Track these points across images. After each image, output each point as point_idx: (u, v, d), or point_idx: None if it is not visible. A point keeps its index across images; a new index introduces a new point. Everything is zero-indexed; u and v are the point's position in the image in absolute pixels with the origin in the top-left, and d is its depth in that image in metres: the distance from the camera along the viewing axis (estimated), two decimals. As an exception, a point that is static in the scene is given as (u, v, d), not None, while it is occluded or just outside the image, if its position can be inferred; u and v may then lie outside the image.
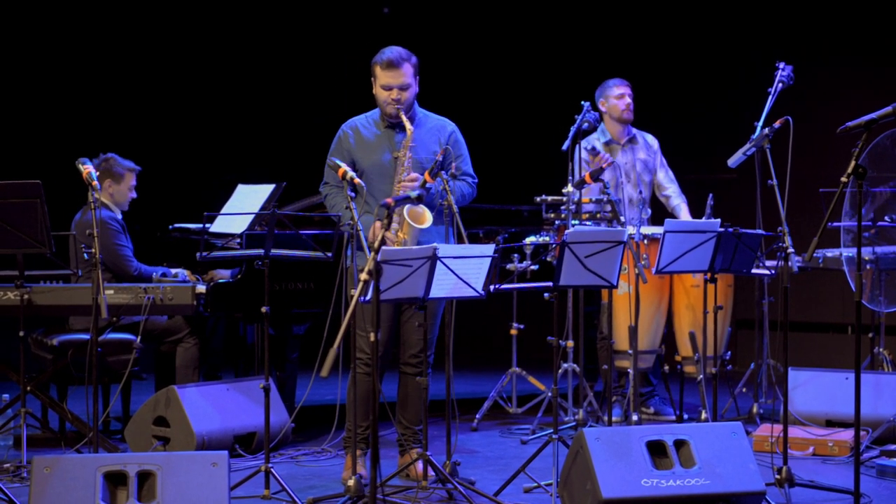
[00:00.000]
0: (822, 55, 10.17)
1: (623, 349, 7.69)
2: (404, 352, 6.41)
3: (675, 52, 10.83)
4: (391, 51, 6.30)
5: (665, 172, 8.20)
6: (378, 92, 6.32)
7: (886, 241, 7.49)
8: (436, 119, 6.47)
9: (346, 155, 6.30)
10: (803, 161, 8.22)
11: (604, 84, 8.11)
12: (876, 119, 5.26)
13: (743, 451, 5.63)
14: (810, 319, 10.14)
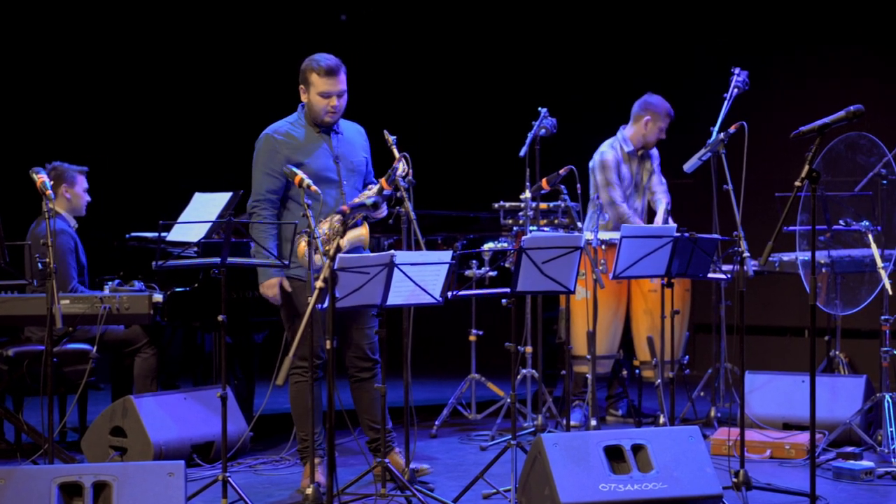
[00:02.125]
0: (777, 61, 10.24)
1: (581, 354, 7.71)
2: (356, 358, 6.33)
3: (631, 57, 10.87)
4: (328, 58, 6.23)
5: (658, 176, 8.24)
6: (314, 99, 6.21)
7: (842, 244, 7.53)
8: (350, 123, 6.45)
9: (283, 162, 6.11)
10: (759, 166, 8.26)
11: (656, 105, 8.12)
12: (829, 123, 5.30)
13: (700, 454, 5.66)
14: (767, 323, 10.21)
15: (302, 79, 6.27)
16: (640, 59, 10.84)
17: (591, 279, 7.19)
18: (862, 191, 7.28)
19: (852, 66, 10.13)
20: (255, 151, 6.29)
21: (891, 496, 6.22)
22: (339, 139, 6.31)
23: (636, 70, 10.76)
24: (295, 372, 6.16)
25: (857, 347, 8.85)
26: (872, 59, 10.07)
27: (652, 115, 8.07)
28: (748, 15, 10.53)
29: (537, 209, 7.61)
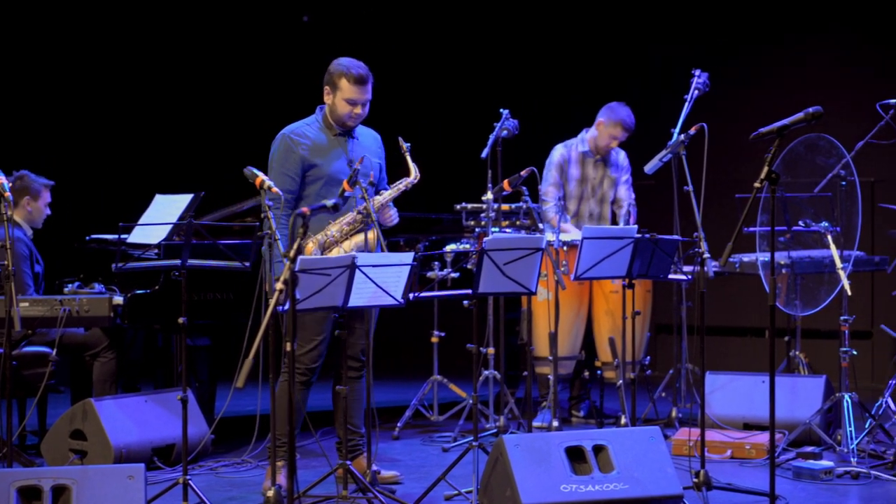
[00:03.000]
0: (737, 62, 10.30)
1: (543, 355, 7.73)
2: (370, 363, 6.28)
3: (593, 59, 10.91)
4: (360, 66, 6.30)
5: (626, 189, 8.26)
6: (340, 104, 6.27)
7: (802, 245, 7.58)
8: (368, 129, 6.52)
9: (299, 162, 6.22)
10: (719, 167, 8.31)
11: (617, 112, 8.12)
12: (788, 125, 5.33)
13: (661, 455, 5.68)
14: (728, 324, 10.26)
15: (328, 81, 6.32)
16: (602, 60, 10.87)
17: (552, 280, 7.20)
18: (821, 192, 7.32)
19: (812, 66, 10.20)
20: (272, 151, 6.34)
21: (850, 495, 6.26)
22: (355, 144, 6.37)
23: (598, 72, 10.80)
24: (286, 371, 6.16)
25: (816, 348, 8.92)
26: (832, 60, 10.14)
27: (605, 120, 8.10)
28: (709, 16, 10.59)
29: (499, 211, 7.62)
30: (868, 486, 6.39)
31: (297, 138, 6.28)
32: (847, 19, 10.13)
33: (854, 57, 10.07)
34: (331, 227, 6.18)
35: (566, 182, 8.16)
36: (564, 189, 8.14)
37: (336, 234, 6.19)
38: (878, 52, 9.99)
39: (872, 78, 9.82)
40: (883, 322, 7.27)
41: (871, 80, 9.77)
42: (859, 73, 9.97)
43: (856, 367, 7.36)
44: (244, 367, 5.10)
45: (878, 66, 9.93)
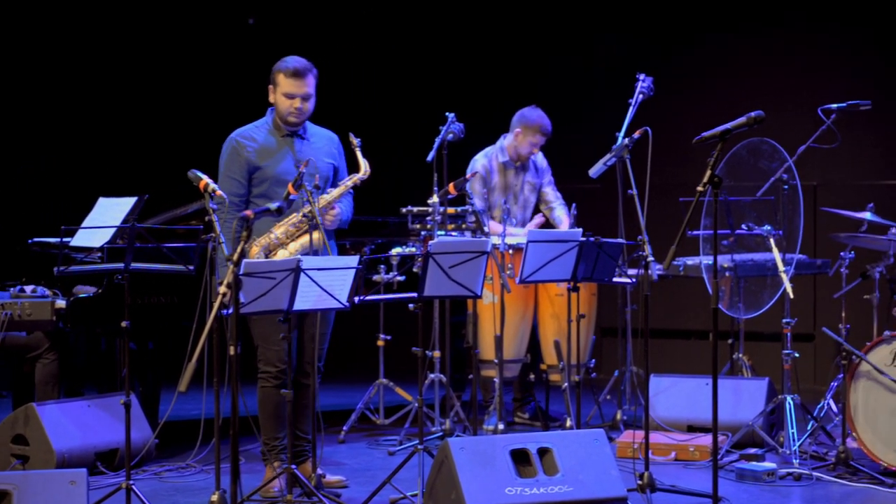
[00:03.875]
0: (682, 67, 10.36)
1: (489, 359, 7.74)
2: (316, 366, 6.27)
3: (537, 62, 10.94)
4: (297, 60, 6.30)
5: (552, 189, 8.29)
6: (280, 100, 6.28)
7: (745, 248, 7.64)
8: (322, 129, 6.49)
9: (245, 165, 6.21)
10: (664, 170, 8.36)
11: (530, 118, 8.13)
12: (730, 129, 5.36)
13: (605, 457, 5.71)
14: (673, 326, 10.32)
15: (271, 79, 6.33)
16: (546, 64, 10.91)
17: (498, 283, 7.22)
18: (764, 196, 7.38)
19: (755, 71, 10.28)
20: (221, 155, 6.33)
21: (792, 497, 6.32)
22: (305, 144, 6.35)
23: (542, 75, 10.84)
24: (261, 377, 6.27)
25: (759, 350, 8.99)
26: (774, 64, 10.23)
27: (523, 129, 8.13)
28: (653, 19, 10.65)
29: (445, 214, 7.62)
30: (810, 487, 6.45)
31: (244, 141, 6.27)
32: (789, 24, 10.22)
33: (796, 61, 10.16)
34: (275, 229, 6.17)
35: (489, 191, 8.18)
36: (488, 198, 8.15)
37: (281, 237, 6.17)
38: (820, 56, 10.09)
39: (814, 82, 9.91)
40: (825, 325, 7.32)
41: (813, 85, 9.86)
42: (802, 78, 10.06)
43: (798, 369, 7.44)
44: (187, 371, 5.07)
45: (819, 70, 10.03)
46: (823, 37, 10.10)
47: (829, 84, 9.63)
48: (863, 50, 9.96)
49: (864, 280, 7.57)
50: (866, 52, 9.94)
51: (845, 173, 9.87)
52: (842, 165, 9.74)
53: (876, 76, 9.76)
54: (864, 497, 6.29)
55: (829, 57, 10.04)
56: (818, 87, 9.67)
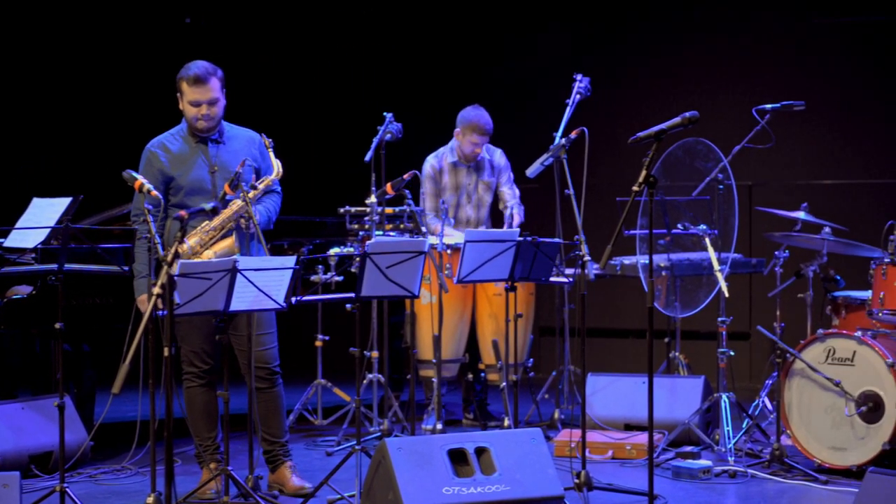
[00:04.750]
0: (619, 68, 10.42)
1: (427, 359, 7.74)
2: (252, 367, 6.21)
3: (476, 62, 10.96)
4: (197, 66, 6.21)
5: (508, 188, 8.29)
6: (186, 108, 6.22)
7: (681, 248, 7.69)
8: (243, 131, 6.41)
9: (159, 175, 6.15)
10: (601, 170, 8.41)
11: (470, 117, 8.13)
12: (665, 129, 5.39)
13: (542, 456, 5.73)
14: (610, 325, 10.37)
15: (177, 87, 6.26)
16: (485, 64, 10.93)
17: (436, 284, 7.22)
18: (699, 195, 7.43)
19: (690, 71, 10.36)
20: (139, 165, 6.26)
21: (727, 494, 6.37)
22: (220, 148, 6.28)
23: (480, 75, 10.86)
24: (185, 378, 6.25)
25: (696, 349, 9.04)
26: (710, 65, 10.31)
27: (462, 128, 8.14)
28: (591, 21, 10.70)
29: (383, 214, 7.62)
30: (745, 484, 6.51)
31: (158, 151, 6.22)
32: (724, 25, 10.31)
33: (731, 62, 10.25)
34: (197, 233, 6.08)
35: (441, 191, 8.20)
36: (442, 198, 8.18)
37: (204, 240, 6.08)
38: (754, 56, 10.18)
39: (749, 83, 10.01)
40: (760, 323, 7.38)
41: (747, 85, 9.96)
42: (737, 78, 10.16)
43: (734, 367, 7.50)
44: (120, 373, 5.04)
45: (754, 71, 10.12)
46: (758, 38, 10.20)
47: (764, 85, 9.73)
48: (797, 51, 10.07)
49: (797, 279, 7.65)
50: (800, 52, 10.05)
51: (780, 173, 9.97)
52: (776, 165, 9.84)
53: (810, 77, 9.87)
54: (798, 494, 6.36)
55: (764, 58, 10.14)
56: (753, 88, 9.76)
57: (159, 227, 5.91)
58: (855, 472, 6.54)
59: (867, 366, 6.67)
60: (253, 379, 6.17)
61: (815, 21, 10.01)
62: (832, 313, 7.44)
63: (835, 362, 6.78)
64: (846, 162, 9.96)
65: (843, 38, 9.94)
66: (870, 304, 6.91)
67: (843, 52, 9.94)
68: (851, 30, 9.91)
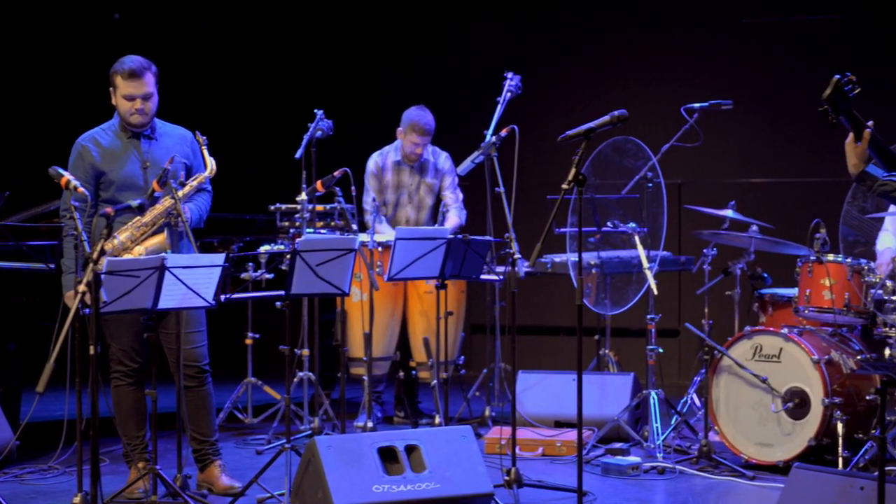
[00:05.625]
0: (549, 66, 10.46)
1: (358, 356, 7.73)
2: (181, 365, 6.17)
3: (407, 60, 10.96)
4: (132, 60, 6.16)
5: (451, 192, 8.28)
6: (120, 102, 6.17)
7: (611, 245, 7.73)
8: (175, 128, 6.39)
9: (90, 169, 6.10)
10: (533, 168, 8.44)
11: (412, 117, 8.12)
12: (594, 128, 5.42)
13: (472, 453, 5.74)
14: (541, 323, 10.41)
15: (110, 81, 6.21)
16: (416, 61, 10.93)
17: (367, 281, 7.21)
18: (629, 193, 7.48)
19: (619, 70, 10.42)
20: (69, 159, 6.20)
21: (656, 490, 6.42)
22: (152, 145, 6.24)
23: (412, 73, 10.86)
24: (113, 376, 6.19)
25: (625, 346, 9.10)
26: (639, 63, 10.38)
27: (404, 128, 8.16)
28: (521, 19, 10.74)
29: (314, 211, 7.59)
30: (673, 480, 6.57)
31: (89, 146, 6.17)
32: (653, 24, 10.38)
33: (660, 61, 10.32)
34: (128, 228, 6.03)
35: (383, 190, 8.20)
36: (382, 197, 8.18)
37: (135, 235, 6.04)
38: (683, 56, 10.26)
39: (678, 82, 10.09)
40: (689, 320, 7.46)
41: (676, 84, 10.04)
42: (666, 77, 10.23)
43: (663, 364, 7.56)
44: (45, 372, 4.98)
45: (683, 70, 10.21)
46: (687, 37, 10.28)
47: (693, 84, 9.81)
48: (725, 50, 10.16)
49: (725, 276, 7.73)
50: (729, 52, 10.15)
51: (708, 172, 10.07)
52: (705, 164, 9.92)
53: (738, 76, 9.97)
54: (725, 489, 6.42)
55: (693, 57, 10.23)
56: (682, 87, 9.84)
57: (87, 224, 5.84)
58: (781, 467, 6.62)
59: (793, 362, 6.75)
60: (182, 377, 6.13)
61: (743, 21, 10.11)
62: (759, 311, 7.53)
63: (762, 359, 6.85)
64: (774, 161, 10.07)
65: (771, 37, 10.05)
66: (796, 302, 7.00)
67: (771, 52, 10.05)
68: (779, 30, 10.02)
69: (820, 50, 9.79)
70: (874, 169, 4.95)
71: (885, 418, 4.63)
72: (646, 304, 7.26)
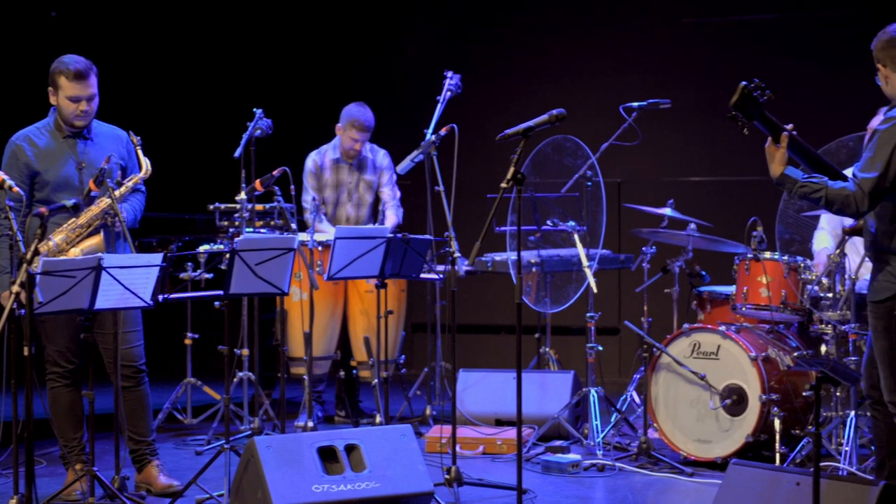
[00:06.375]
0: (489, 65, 10.47)
1: (298, 356, 7.70)
2: (118, 365, 6.12)
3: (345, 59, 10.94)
4: (77, 61, 6.11)
5: (389, 189, 8.26)
6: (63, 103, 6.10)
7: (551, 244, 7.76)
8: (110, 128, 6.35)
9: (24, 169, 6.05)
10: (474, 167, 8.46)
11: (351, 113, 8.10)
12: (533, 126, 5.44)
13: (412, 452, 5.74)
14: (482, 322, 10.43)
15: (51, 81, 6.14)
16: (357, 60, 10.92)
17: (307, 281, 7.19)
18: (568, 192, 7.51)
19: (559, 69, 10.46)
20: (2, 159, 6.15)
21: (595, 487, 6.45)
22: (88, 145, 6.19)
23: (352, 71, 10.84)
24: (49, 378, 6.13)
25: (566, 344, 9.15)
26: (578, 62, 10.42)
27: (343, 124, 8.15)
28: (461, 19, 10.75)
29: (253, 211, 7.56)
30: (613, 477, 6.60)
31: (24, 145, 6.11)
32: (592, 23, 10.43)
33: (599, 60, 10.37)
34: (63, 230, 5.98)
35: (322, 188, 8.18)
36: (322, 195, 8.16)
37: (71, 237, 5.99)
38: (622, 55, 10.32)
39: (617, 81, 10.14)
40: (629, 318, 7.50)
41: (615, 83, 10.09)
42: (605, 76, 10.28)
43: (603, 362, 7.60)
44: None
45: (622, 69, 10.26)
46: (626, 36, 10.34)
47: (632, 83, 9.87)
48: (663, 49, 10.23)
49: (664, 274, 7.77)
50: (667, 51, 10.21)
51: (647, 170, 10.12)
52: (644, 163, 9.98)
53: (676, 75, 10.04)
54: (664, 486, 6.46)
55: (632, 56, 10.28)
56: (621, 86, 9.89)
57: (20, 224, 5.79)
58: (720, 464, 6.67)
59: (731, 359, 6.81)
60: (119, 377, 6.08)
61: (683, 21, 10.17)
62: (698, 308, 7.58)
63: (700, 356, 6.90)
64: (712, 160, 10.15)
65: (709, 37, 10.12)
66: (733, 299, 7.06)
67: (708, 52, 10.12)
68: (717, 29, 10.09)
69: (757, 49, 9.87)
70: (794, 171, 5.01)
71: (820, 414, 4.68)
72: (585, 302, 7.29)
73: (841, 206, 4.95)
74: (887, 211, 5.02)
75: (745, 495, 5.11)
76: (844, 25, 9.49)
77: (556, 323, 8.33)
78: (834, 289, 6.57)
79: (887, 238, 5.04)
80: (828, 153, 6.90)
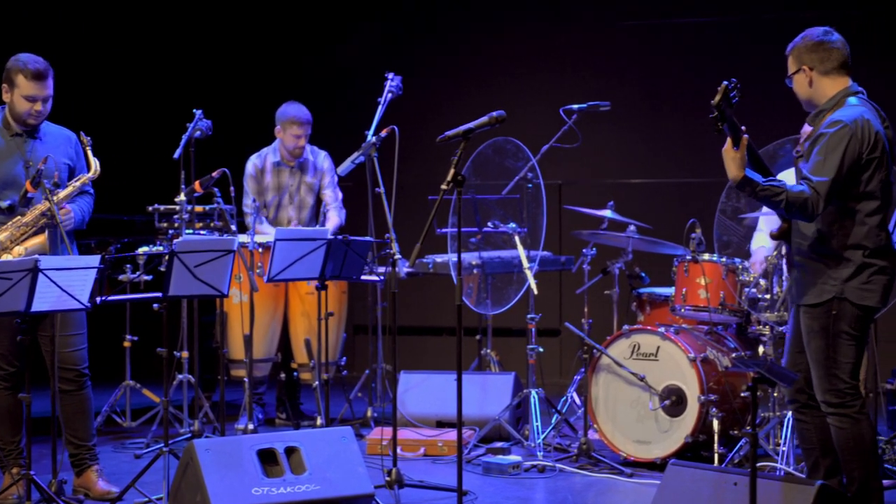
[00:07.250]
0: (429, 67, 10.48)
1: (238, 358, 7.67)
2: (56, 368, 6.05)
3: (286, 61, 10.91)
4: (36, 61, 6.08)
5: (331, 191, 8.24)
6: (18, 101, 6.06)
7: (492, 245, 7.77)
8: (59, 128, 6.31)
9: None
10: (413, 169, 8.45)
11: (285, 111, 8.08)
12: (473, 128, 5.45)
13: (352, 454, 5.74)
14: (423, 323, 10.42)
15: (6, 78, 6.09)
16: (298, 62, 10.89)
17: (247, 282, 7.16)
18: (509, 194, 7.53)
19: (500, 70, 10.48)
20: None
21: (536, 488, 6.47)
22: (37, 144, 6.14)
23: (293, 73, 10.81)
24: None
25: (507, 345, 9.17)
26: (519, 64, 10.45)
27: (281, 124, 8.13)
28: (402, 20, 10.75)
29: (192, 212, 7.51)
30: (553, 478, 6.62)
31: None
32: (533, 26, 10.46)
33: (540, 62, 10.41)
34: (7, 228, 5.94)
35: (263, 191, 8.15)
36: (263, 199, 8.13)
37: (15, 235, 5.95)
38: (562, 57, 10.36)
39: (557, 83, 10.18)
40: (570, 320, 7.52)
41: (555, 85, 10.13)
42: (545, 78, 10.32)
43: (544, 363, 7.63)
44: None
45: (562, 71, 10.30)
46: (566, 39, 10.38)
47: (571, 85, 9.91)
48: (603, 52, 10.28)
49: (604, 276, 7.82)
50: (606, 54, 10.26)
51: (587, 172, 10.17)
52: (584, 165, 10.03)
53: (616, 78, 10.09)
54: (604, 487, 6.49)
55: (572, 58, 10.33)
56: (561, 88, 9.93)
57: None
58: (659, 464, 6.71)
59: (670, 361, 6.86)
60: (57, 380, 6.02)
61: (620, 24, 10.23)
62: (637, 309, 7.63)
63: (640, 357, 6.94)
64: (651, 161, 10.21)
65: (647, 40, 10.19)
66: (673, 301, 7.11)
67: (648, 54, 10.18)
68: (656, 32, 10.16)
69: (694, 51, 9.95)
70: (753, 174, 5.05)
71: (757, 415, 4.72)
72: (526, 303, 7.32)
73: (799, 209, 4.99)
74: (830, 214, 5.07)
75: (684, 495, 5.16)
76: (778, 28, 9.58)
77: (497, 324, 8.34)
78: (771, 290, 6.63)
79: (828, 240, 5.09)
80: (766, 155, 6.96)
